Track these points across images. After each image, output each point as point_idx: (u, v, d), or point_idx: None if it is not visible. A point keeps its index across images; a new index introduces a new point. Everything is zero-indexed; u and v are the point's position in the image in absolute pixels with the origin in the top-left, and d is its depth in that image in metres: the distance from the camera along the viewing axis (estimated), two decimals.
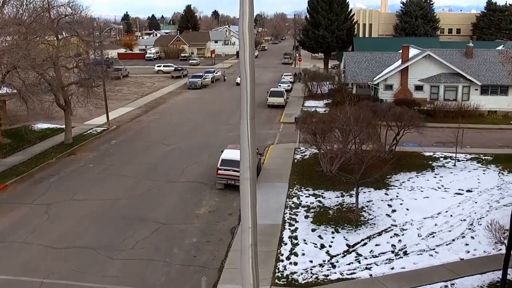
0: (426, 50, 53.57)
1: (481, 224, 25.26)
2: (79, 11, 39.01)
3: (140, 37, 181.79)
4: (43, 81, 37.72)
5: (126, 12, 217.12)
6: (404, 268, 21.45)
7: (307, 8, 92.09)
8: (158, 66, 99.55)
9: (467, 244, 23.58)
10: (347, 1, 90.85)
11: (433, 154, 38.67)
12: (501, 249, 22.45)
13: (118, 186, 32.01)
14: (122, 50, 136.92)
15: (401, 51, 55.06)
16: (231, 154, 31.09)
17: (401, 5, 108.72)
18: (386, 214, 27.08)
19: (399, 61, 54.99)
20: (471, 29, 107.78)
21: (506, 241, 18.94)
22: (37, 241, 23.93)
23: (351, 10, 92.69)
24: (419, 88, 53.41)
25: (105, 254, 22.59)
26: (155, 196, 30.25)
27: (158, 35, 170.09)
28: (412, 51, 55.69)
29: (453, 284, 20.07)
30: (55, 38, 38.99)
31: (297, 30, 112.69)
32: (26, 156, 38.31)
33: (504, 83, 51.58)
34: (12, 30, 33.34)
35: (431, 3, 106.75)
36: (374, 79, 54.78)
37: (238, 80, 54.18)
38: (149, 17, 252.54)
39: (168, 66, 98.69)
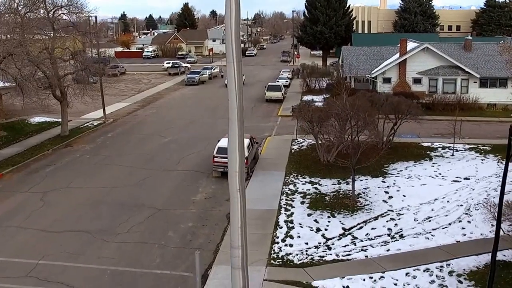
0: (424, 43, 53.51)
1: (478, 210, 25.13)
2: (75, 2, 38.67)
3: (138, 37, 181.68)
4: (39, 72, 37.46)
5: (123, 12, 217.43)
6: (400, 250, 21.35)
7: (305, 4, 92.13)
8: (167, 63, 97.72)
9: (463, 228, 23.46)
10: None
11: (431, 145, 38.55)
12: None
13: (114, 175, 31.90)
14: (119, 49, 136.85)
15: (399, 45, 54.88)
16: (227, 142, 30.87)
17: (400, 1, 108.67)
18: (383, 200, 26.99)
19: (398, 54, 54.89)
20: (471, 25, 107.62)
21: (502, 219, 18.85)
22: (32, 226, 23.84)
23: (349, 6, 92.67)
24: (417, 81, 53.30)
25: (100, 237, 22.52)
26: (151, 184, 30.13)
27: (156, 34, 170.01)
28: (411, 45, 55.59)
29: (449, 265, 19.95)
30: (51, 30, 38.67)
31: (296, 28, 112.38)
32: (22, 148, 38.20)
33: (503, 76, 51.42)
34: (8, 18, 33.15)
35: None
36: (372, 72, 54.70)
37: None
38: (146, 17, 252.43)
39: (176, 64, 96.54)
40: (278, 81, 69.53)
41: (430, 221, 24.34)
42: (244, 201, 8.37)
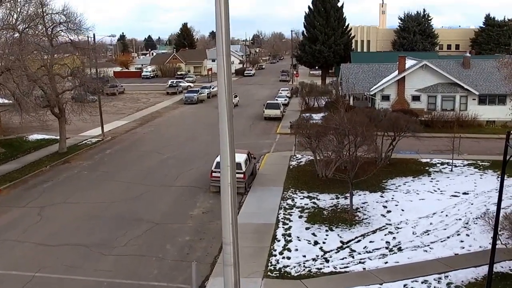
0: (422, 60, 53.76)
1: (476, 223, 25.02)
2: (73, 19, 38.92)
3: (137, 57, 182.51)
4: (37, 88, 37.59)
5: (122, 33, 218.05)
6: (398, 262, 21.22)
7: (303, 23, 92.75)
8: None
9: (462, 241, 23.36)
10: (344, 16, 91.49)
11: (430, 161, 38.53)
12: (497, 244, 22.27)
13: (112, 190, 31.83)
14: (118, 69, 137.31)
15: (398, 62, 55.15)
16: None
17: (399, 21, 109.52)
18: (381, 215, 26.89)
19: (396, 72, 55.13)
20: (470, 44, 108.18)
21: (500, 230, 18.84)
22: (29, 240, 23.74)
23: (348, 25, 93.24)
24: (416, 98, 53.46)
25: (98, 251, 22.41)
26: (149, 198, 30.05)
27: (155, 54, 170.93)
28: (409, 62, 55.93)
29: (447, 276, 19.82)
30: (49, 46, 38.89)
31: (295, 48, 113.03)
32: (20, 164, 38.18)
33: (502, 92, 51.57)
34: (5, 34, 33.34)
35: (429, 19, 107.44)
36: (371, 89, 54.87)
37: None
38: (145, 38, 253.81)
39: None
40: (277, 100, 69.70)
41: (428, 234, 24.24)
42: (235, 196, 8.28)
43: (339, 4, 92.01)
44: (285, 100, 73.48)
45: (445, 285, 19.19)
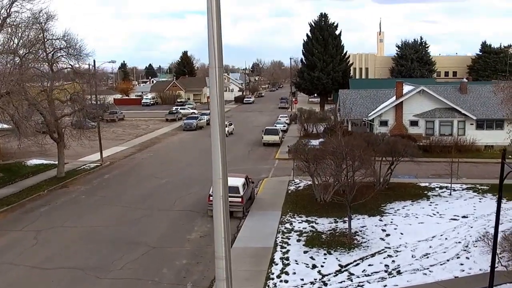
0: (420, 86, 54.06)
1: (476, 246, 24.80)
2: (74, 44, 39.19)
3: (137, 85, 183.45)
4: (36, 113, 37.69)
5: (124, 61, 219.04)
6: (397, 285, 20.96)
7: (302, 50, 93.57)
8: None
9: (462, 264, 23.11)
10: (342, 44, 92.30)
11: (429, 185, 38.42)
12: (497, 266, 22.06)
13: (110, 215, 31.66)
14: (118, 96, 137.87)
15: (395, 88, 55.43)
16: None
17: (397, 48, 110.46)
18: (380, 238, 26.70)
19: (394, 97, 55.36)
20: (467, 71, 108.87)
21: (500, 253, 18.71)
22: (24, 263, 23.53)
23: (346, 52, 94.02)
24: (414, 123, 53.60)
25: (93, 274, 22.16)
26: (147, 223, 29.86)
27: (155, 81, 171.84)
28: (406, 88, 56.23)
29: None
30: (50, 71, 39.11)
31: (294, 75, 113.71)
32: (18, 188, 38.04)
33: (499, 117, 51.70)
34: (6, 57, 33.55)
35: (426, 46, 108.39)
36: (369, 115, 55.04)
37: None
38: (146, 67, 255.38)
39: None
40: (275, 126, 69.80)
41: (428, 257, 24.01)
42: (227, 210, 8.21)
43: (337, 32, 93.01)
44: (284, 126, 73.56)
45: None
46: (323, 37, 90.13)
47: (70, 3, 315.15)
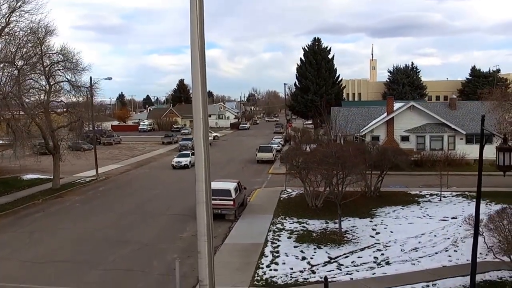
0: (410, 102, 54.90)
1: (464, 242, 25.12)
2: (70, 58, 39.96)
3: (134, 113, 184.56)
4: (33, 124, 38.25)
5: (121, 93, 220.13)
6: (385, 273, 21.26)
7: (296, 74, 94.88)
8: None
9: (450, 256, 23.45)
10: (334, 67, 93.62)
11: (419, 192, 38.93)
12: (485, 258, 22.49)
13: (103, 219, 31.96)
14: (116, 123, 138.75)
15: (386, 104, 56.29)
16: (217, 184, 31.45)
17: (389, 73, 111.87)
18: (370, 236, 27.06)
19: (385, 114, 56.15)
20: (458, 95, 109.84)
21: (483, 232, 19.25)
22: (17, 258, 23.77)
23: (339, 75, 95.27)
24: (405, 138, 54.25)
25: (85, 266, 22.40)
26: (140, 225, 30.17)
27: (152, 108, 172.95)
28: (397, 105, 57.05)
29: (435, 284, 19.87)
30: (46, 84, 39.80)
31: (288, 102, 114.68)
32: (12, 198, 38.33)
33: (488, 132, 52.28)
34: (3, 68, 34.20)
35: (417, 71, 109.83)
36: (361, 130, 55.71)
37: (173, 162, 55.92)
38: (144, 98, 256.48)
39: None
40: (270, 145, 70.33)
41: (416, 251, 24.34)
42: (210, 205, 8.80)
43: (330, 56, 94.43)
44: (278, 146, 74.15)
45: None
46: (316, 60, 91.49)
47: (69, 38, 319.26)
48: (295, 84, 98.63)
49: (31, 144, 38.72)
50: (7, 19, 34.54)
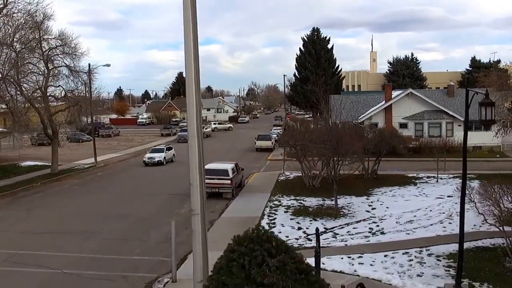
0: (408, 89, 55.00)
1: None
2: (69, 42, 40.11)
3: (133, 108, 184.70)
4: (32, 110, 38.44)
5: (120, 87, 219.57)
6: (380, 241, 21.53)
7: (295, 65, 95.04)
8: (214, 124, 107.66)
9: (444, 227, 23.77)
10: (334, 58, 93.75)
11: (417, 175, 39.07)
12: (479, 228, 22.76)
13: (102, 198, 32.27)
14: (114, 116, 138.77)
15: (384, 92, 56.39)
16: (215, 165, 31.89)
17: (389, 65, 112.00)
18: (366, 210, 27.35)
19: (383, 101, 56.27)
20: (458, 87, 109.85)
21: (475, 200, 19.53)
22: (15, 229, 24.06)
23: (338, 66, 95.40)
24: (403, 125, 54.22)
25: (83, 236, 22.69)
26: (138, 202, 30.47)
27: (150, 102, 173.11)
28: (395, 93, 57.15)
29: (428, 249, 20.12)
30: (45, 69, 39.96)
31: (288, 93, 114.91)
32: (12, 181, 38.50)
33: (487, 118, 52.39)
34: (1, 48, 34.36)
35: (417, 62, 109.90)
36: (359, 118, 55.80)
37: (145, 159, 48.73)
38: (142, 94, 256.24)
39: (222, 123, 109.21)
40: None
41: (412, 223, 24.62)
42: (203, 163, 9.19)
43: (329, 46, 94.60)
44: (277, 136, 74.17)
45: (426, 255, 19.51)
46: (315, 50, 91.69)
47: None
48: (294, 75, 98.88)
49: (29, 129, 38.79)
50: (4, 1, 34.67)
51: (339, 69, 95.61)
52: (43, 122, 40.47)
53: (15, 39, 36.03)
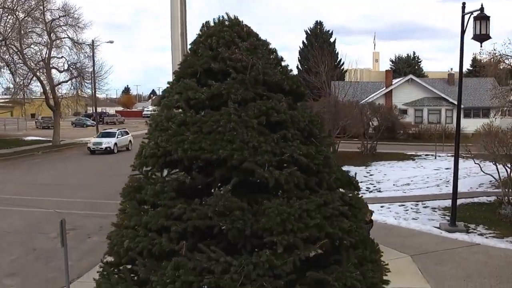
0: (408, 75, 55.34)
1: None
2: (72, 13, 40.32)
3: (139, 103, 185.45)
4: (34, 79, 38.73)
5: (127, 85, 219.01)
6: (376, 196, 21.79)
7: (298, 57, 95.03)
8: None
9: (440, 189, 24.00)
10: (336, 51, 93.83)
11: (416, 153, 39.32)
12: (477, 189, 23.11)
13: (102, 161, 32.76)
14: (120, 108, 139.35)
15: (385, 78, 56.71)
16: None
17: (391, 63, 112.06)
18: (364, 176, 27.48)
19: (384, 87, 56.59)
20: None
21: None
22: (15, 182, 24.35)
23: (340, 59, 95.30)
24: (403, 112, 54.47)
25: (80, 187, 23.05)
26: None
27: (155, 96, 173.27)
28: (396, 81, 57.49)
29: (424, 203, 20.40)
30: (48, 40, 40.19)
31: None
32: (13, 151, 38.71)
33: (486, 105, 52.66)
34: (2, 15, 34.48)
35: (419, 61, 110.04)
36: (360, 103, 55.96)
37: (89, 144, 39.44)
38: (150, 93, 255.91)
39: None
40: None
41: (409, 185, 24.92)
42: None
43: (332, 40, 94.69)
44: None
45: (421, 207, 19.78)
46: (318, 43, 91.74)
47: None
48: (297, 67, 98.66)
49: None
50: None
51: (341, 62, 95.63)
52: (45, 92, 40.70)
53: (18, 5, 36.14)
